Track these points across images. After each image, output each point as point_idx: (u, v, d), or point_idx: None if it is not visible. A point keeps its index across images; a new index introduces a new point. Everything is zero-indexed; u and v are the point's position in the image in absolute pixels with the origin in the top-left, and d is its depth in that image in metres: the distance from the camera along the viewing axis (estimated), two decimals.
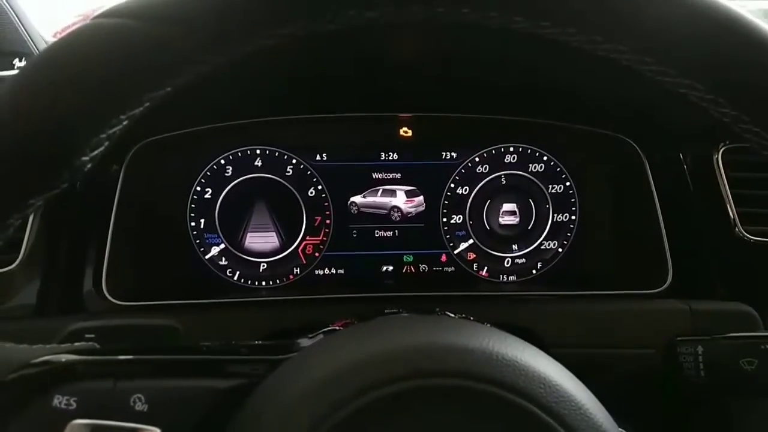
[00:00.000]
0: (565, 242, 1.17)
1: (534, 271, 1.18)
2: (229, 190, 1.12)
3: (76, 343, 0.52)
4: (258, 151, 1.12)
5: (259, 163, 1.12)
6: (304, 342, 0.63)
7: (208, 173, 1.12)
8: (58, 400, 0.45)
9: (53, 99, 0.38)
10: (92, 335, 0.61)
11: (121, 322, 0.79)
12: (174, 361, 0.51)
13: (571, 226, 1.17)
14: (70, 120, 0.38)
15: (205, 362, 0.52)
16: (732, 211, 0.99)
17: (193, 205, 1.11)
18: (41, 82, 0.38)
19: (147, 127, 1.03)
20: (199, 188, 1.11)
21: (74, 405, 0.45)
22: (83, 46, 0.38)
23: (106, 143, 0.42)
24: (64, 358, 0.49)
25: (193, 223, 1.12)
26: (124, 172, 1.01)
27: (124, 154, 1.02)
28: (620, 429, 0.46)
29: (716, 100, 0.41)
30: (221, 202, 1.12)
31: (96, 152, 0.42)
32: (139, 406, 0.47)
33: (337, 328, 0.73)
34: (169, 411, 0.47)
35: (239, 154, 1.12)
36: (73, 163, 0.40)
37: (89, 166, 0.42)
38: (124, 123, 0.42)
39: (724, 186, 1.00)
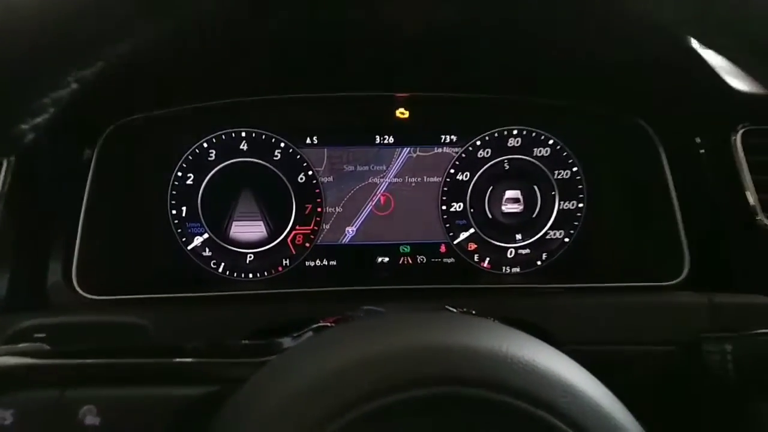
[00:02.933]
0: (571, 231, 1.11)
1: (539, 263, 1.12)
2: (212, 175, 1.05)
3: (21, 344, 0.44)
4: (244, 134, 1.05)
5: (245, 147, 1.06)
6: (287, 342, 0.56)
7: (190, 157, 1.05)
8: None
9: None
10: (43, 334, 0.53)
11: (79, 318, 0.70)
12: (134, 365, 0.43)
13: (579, 214, 1.11)
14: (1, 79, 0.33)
15: (171, 366, 0.44)
16: (752, 198, 0.92)
17: (173, 192, 1.05)
18: None
19: (122, 105, 0.95)
20: (180, 173, 1.05)
21: (10, 419, 0.38)
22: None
23: (52, 110, 0.36)
24: (4, 361, 0.41)
25: (174, 211, 1.05)
26: (97, 155, 0.94)
27: (96, 136, 0.94)
28: None
29: None
30: (204, 188, 1.05)
31: (39, 119, 0.37)
32: (90, 419, 0.39)
33: (328, 324, 0.66)
34: (126, 424, 0.39)
35: (223, 136, 1.05)
36: (10, 130, 0.35)
37: (32, 136, 0.37)
38: (73, 86, 0.36)
39: (744, 171, 0.93)
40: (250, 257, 1.07)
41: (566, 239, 1.11)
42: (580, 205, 1.11)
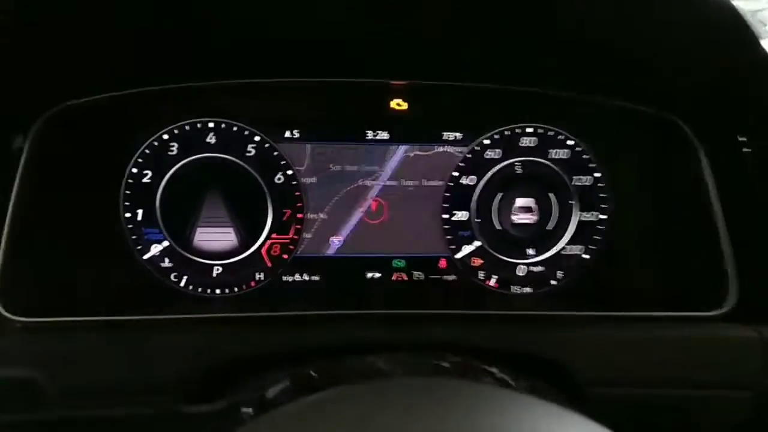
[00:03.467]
0: (592, 247, 1.02)
1: (554, 282, 1.03)
2: (174, 173, 0.95)
3: None
4: (211, 125, 0.95)
5: (213, 140, 0.95)
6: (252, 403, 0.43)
7: (147, 151, 0.95)
8: None
9: None
10: None
11: None
12: None
13: (601, 227, 1.01)
14: None
15: None
16: None
17: (127, 192, 0.94)
18: None
19: (64, 86, 0.83)
20: (135, 170, 0.94)
21: None
22: None
23: None
24: None
25: (128, 215, 0.95)
26: (29, 146, 0.82)
27: (30, 122, 0.82)
28: None
29: None
30: (164, 188, 0.95)
31: None
32: None
33: (312, 374, 0.51)
34: None
35: (187, 127, 0.95)
36: None
37: None
38: None
39: None
40: (218, 270, 0.97)
41: (586, 256, 1.02)
42: (603, 216, 1.01)
